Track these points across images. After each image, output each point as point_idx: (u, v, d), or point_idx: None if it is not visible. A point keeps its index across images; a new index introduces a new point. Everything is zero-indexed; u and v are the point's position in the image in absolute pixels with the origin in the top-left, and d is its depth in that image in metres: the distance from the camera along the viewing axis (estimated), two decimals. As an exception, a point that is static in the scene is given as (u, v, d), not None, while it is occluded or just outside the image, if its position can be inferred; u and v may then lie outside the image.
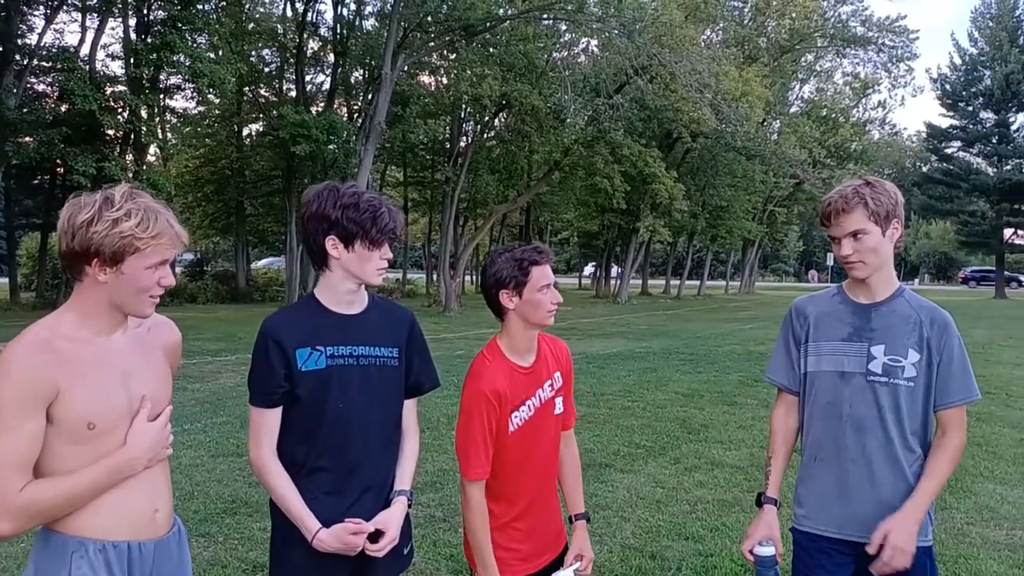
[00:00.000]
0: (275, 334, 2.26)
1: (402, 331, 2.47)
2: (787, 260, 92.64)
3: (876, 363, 2.45)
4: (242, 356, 14.35)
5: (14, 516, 1.78)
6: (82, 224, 1.81)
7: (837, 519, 2.49)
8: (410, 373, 2.49)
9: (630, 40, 24.66)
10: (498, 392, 2.47)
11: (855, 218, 2.39)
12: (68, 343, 1.85)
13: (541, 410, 2.57)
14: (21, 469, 1.78)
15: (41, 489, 1.81)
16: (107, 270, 1.84)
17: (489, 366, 2.54)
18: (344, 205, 2.28)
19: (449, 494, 5.82)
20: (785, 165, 35.14)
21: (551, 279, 2.53)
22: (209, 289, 33.52)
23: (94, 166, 19.74)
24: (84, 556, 1.88)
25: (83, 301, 1.90)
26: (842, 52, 46.67)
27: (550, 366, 2.64)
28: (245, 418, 8.11)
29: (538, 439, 2.57)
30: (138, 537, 1.96)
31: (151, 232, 1.85)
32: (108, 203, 1.83)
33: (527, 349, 2.59)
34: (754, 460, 7.02)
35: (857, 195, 2.39)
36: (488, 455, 2.47)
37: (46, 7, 23.87)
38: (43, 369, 1.79)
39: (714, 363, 14.15)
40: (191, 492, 5.69)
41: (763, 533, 2.56)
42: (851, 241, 2.41)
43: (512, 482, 2.54)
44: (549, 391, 2.60)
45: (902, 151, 74.73)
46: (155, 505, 2.00)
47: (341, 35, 30.48)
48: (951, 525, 5.40)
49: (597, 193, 34.67)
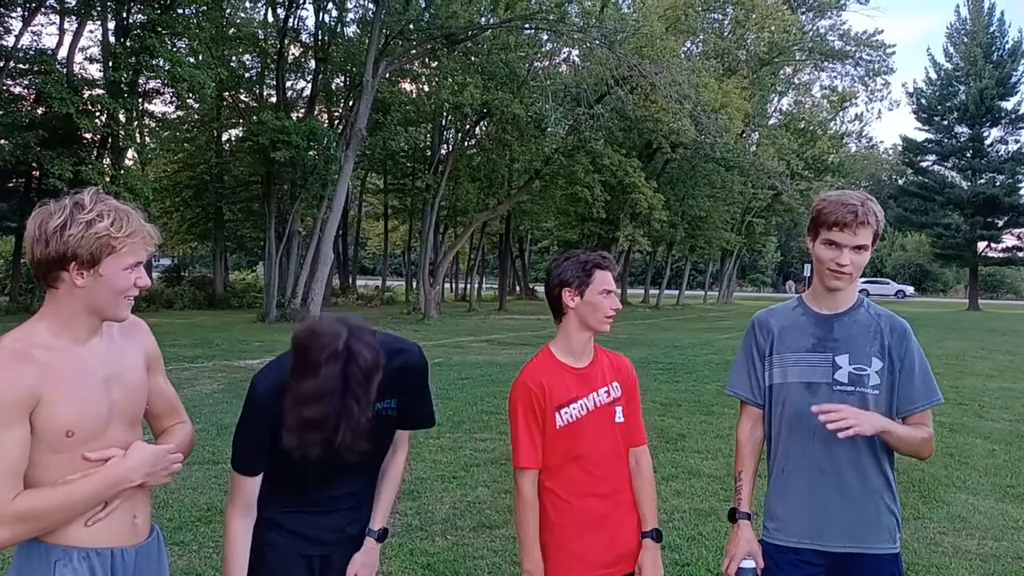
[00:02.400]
0: (274, 403, 2.07)
1: (404, 380, 2.36)
2: (765, 271, 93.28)
3: (842, 372, 2.47)
4: (219, 363, 14.26)
5: (10, 525, 1.77)
6: (56, 229, 1.81)
7: (808, 529, 2.49)
8: (405, 418, 2.44)
9: (611, 51, 24.81)
10: (540, 384, 2.54)
11: (866, 233, 2.41)
12: (46, 352, 1.84)
13: (595, 413, 2.58)
14: (12, 478, 1.77)
15: (35, 498, 1.80)
16: (84, 273, 1.83)
17: (533, 362, 2.64)
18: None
19: (427, 503, 5.80)
20: (764, 176, 35.41)
21: (612, 286, 2.59)
22: (186, 295, 33.26)
23: (71, 170, 19.55)
24: (68, 564, 1.87)
25: (57, 309, 1.89)
26: (820, 66, 47.25)
27: (607, 374, 2.65)
28: (221, 425, 8.07)
29: (591, 441, 2.57)
30: (120, 544, 1.96)
31: (125, 231, 1.86)
32: (79, 207, 1.84)
33: (581, 352, 2.63)
34: (731, 470, 6.99)
35: (873, 213, 2.41)
36: (534, 445, 2.53)
37: (23, 9, 23.65)
38: (24, 378, 1.78)
39: (692, 372, 14.21)
40: (166, 500, 5.64)
41: (744, 550, 2.57)
42: (852, 253, 2.42)
43: (569, 477, 2.56)
44: (605, 397, 2.61)
45: (878, 164, 75.65)
46: (134, 511, 2.00)
47: (323, 41, 30.42)
48: (923, 535, 5.45)
49: (577, 202, 34.78)
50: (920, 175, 55.03)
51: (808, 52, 44.24)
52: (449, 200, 36.07)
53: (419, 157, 37.86)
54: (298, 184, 28.42)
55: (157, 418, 2.18)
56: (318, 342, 1.89)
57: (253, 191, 35.40)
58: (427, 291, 31.01)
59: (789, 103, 53.20)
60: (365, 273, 65.00)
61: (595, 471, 2.58)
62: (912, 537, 5.30)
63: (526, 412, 2.53)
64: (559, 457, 2.55)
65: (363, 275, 59.44)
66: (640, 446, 2.75)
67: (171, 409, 2.20)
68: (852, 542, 2.45)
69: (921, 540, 5.32)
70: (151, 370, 2.13)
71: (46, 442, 1.83)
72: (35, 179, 29.72)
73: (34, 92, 23.94)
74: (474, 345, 19.35)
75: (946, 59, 51.60)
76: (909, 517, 5.69)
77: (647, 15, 27.68)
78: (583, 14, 26.77)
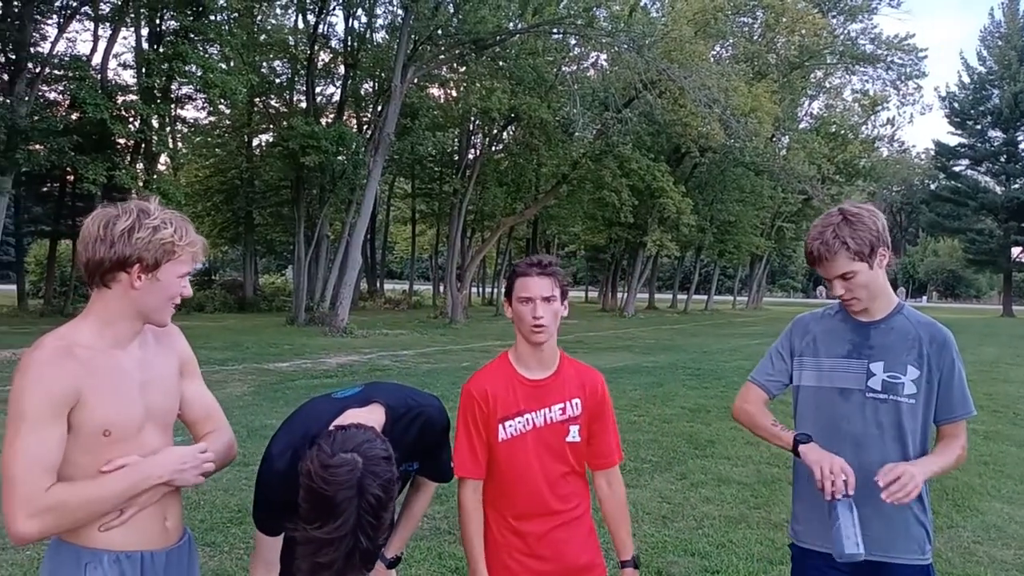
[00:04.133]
0: (289, 478, 1.99)
1: (425, 441, 2.33)
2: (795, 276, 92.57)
3: (875, 380, 2.45)
4: (249, 365, 14.39)
5: (41, 515, 1.78)
6: (123, 232, 1.87)
7: None
8: (424, 473, 2.46)
9: (639, 55, 24.73)
10: (484, 392, 2.46)
11: (840, 263, 2.38)
12: (87, 352, 1.88)
13: (543, 430, 2.47)
14: (48, 470, 1.80)
15: (67, 490, 1.82)
16: (143, 277, 1.89)
17: (483, 369, 2.56)
18: None
19: (454, 507, 5.78)
20: (794, 181, 35.16)
21: (531, 292, 2.42)
22: (217, 298, 33.61)
23: (104, 175, 19.83)
24: (98, 567, 1.89)
25: (105, 309, 1.93)
26: (851, 69, 46.81)
27: (567, 390, 2.52)
28: (252, 427, 8.14)
29: (533, 458, 2.47)
30: (150, 547, 1.97)
31: (186, 240, 1.93)
32: (145, 212, 1.90)
33: (536, 364, 2.52)
34: (761, 477, 6.99)
35: (837, 239, 2.36)
36: (474, 455, 2.45)
37: (59, 16, 24.05)
38: (67, 375, 1.82)
39: (721, 378, 14.11)
40: (197, 501, 5.69)
41: (838, 460, 2.34)
42: (841, 282, 2.42)
43: (506, 494, 2.50)
44: (559, 414, 2.49)
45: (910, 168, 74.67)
46: (164, 514, 2.01)
47: (352, 47, 30.66)
48: (958, 544, 5.36)
49: (604, 207, 34.74)
50: (953, 180, 54.36)
51: (839, 56, 43.85)
52: (476, 204, 36.17)
53: (447, 161, 38.00)
54: (327, 189, 28.64)
55: (193, 424, 2.19)
56: (334, 488, 1.82)
57: (283, 196, 35.71)
58: (454, 295, 31.09)
59: (820, 107, 52.88)
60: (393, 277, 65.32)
61: (538, 490, 2.47)
62: (946, 546, 5.21)
63: (467, 420, 2.45)
64: (500, 472, 2.48)
65: (391, 279, 59.72)
66: (609, 468, 2.59)
67: (207, 414, 2.20)
68: (879, 551, 2.41)
69: (955, 549, 5.23)
70: (185, 375, 2.15)
71: (83, 442, 1.85)
72: (69, 184, 30.20)
73: (69, 98, 24.35)
74: (501, 349, 19.10)
75: (979, 62, 50.99)
76: (942, 526, 5.60)
77: (676, 19, 27.62)
78: (611, 19, 26.73)
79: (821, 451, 2.36)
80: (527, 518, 2.49)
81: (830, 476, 2.27)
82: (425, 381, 12.40)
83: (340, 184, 27.72)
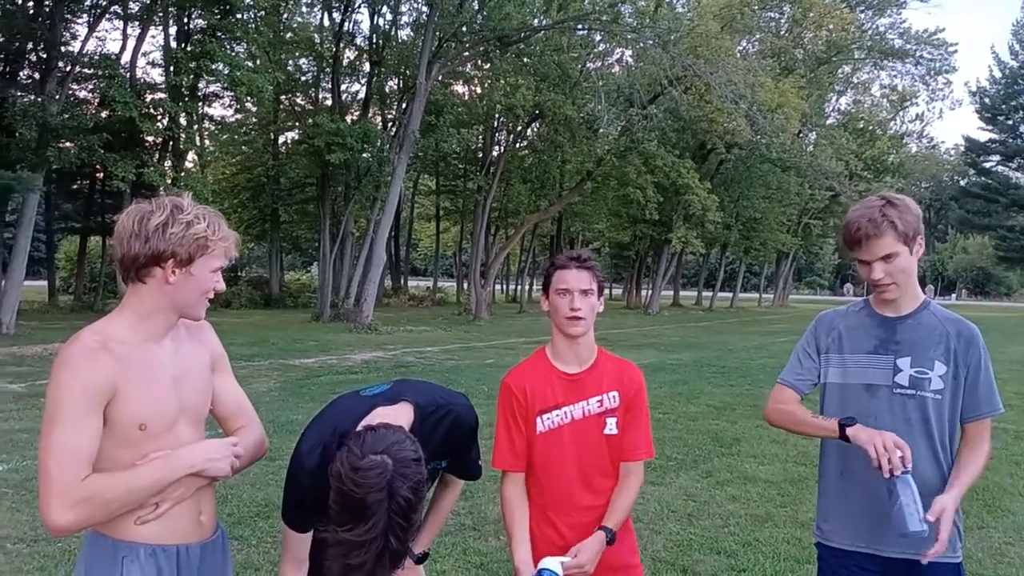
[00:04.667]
0: (319, 478, 2.00)
1: (454, 441, 2.32)
2: (822, 273, 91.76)
3: (903, 375, 2.44)
4: (275, 361, 14.50)
5: (76, 506, 1.80)
6: (158, 227, 1.89)
7: (865, 533, 2.46)
8: (452, 471, 2.47)
9: (665, 51, 24.60)
10: (522, 386, 2.48)
11: (887, 242, 2.36)
12: (122, 346, 1.90)
13: (581, 423, 2.49)
14: (83, 463, 1.82)
15: (103, 481, 1.84)
16: (178, 271, 1.92)
17: (521, 363, 2.58)
18: None
19: (479, 503, 5.81)
20: (821, 177, 34.82)
21: (569, 284, 2.44)
22: (243, 294, 33.88)
23: (133, 172, 20.04)
24: (135, 560, 1.91)
25: (140, 303, 1.96)
26: (880, 64, 46.25)
27: (604, 384, 2.53)
28: (278, 423, 8.20)
29: (571, 451, 2.49)
30: (185, 541, 2.00)
31: (219, 235, 1.96)
32: (178, 208, 1.93)
33: (573, 358, 2.53)
34: (787, 475, 6.94)
35: (885, 218, 2.35)
36: (514, 448, 2.48)
37: (89, 15, 24.31)
38: (103, 369, 1.84)
39: (747, 376, 14.01)
40: (225, 495, 5.74)
41: (889, 436, 2.29)
42: (882, 264, 2.38)
43: (544, 487, 2.52)
44: (596, 407, 2.50)
45: (940, 165, 73.78)
46: (200, 508, 2.03)
47: (377, 45, 30.76)
48: (988, 544, 5.28)
49: (629, 204, 34.61)
50: (983, 176, 53.63)
51: (867, 51, 43.33)
52: (500, 201, 36.19)
53: (471, 159, 38.02)
54: (352, 186, 28.78)
55: (225, 419, 2.20)
56: (364, 491, 1.82)
57: (308, 193, 35.94)
58: (478, 292, 31.13)
59: (847, 102, 52.32)
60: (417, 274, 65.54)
61: (575, 483, 2.50)
62: (976, 547, 5.14)
63: (506, 414, 2.49)
64: (538, 465, 2.50)
65: (415, 276, 59.93)
66: (635, 461, 2.56)
67: (238, 410, 2.22)
68: (910, 548, 2.38)
69: (986, 550, 5.16)
70: (216, 370, 2.17)
71: (118, 435, 1.88)
72: (99, 181, 30.58)
73: (98, 96, 24.63)
74: (525, 347, 19.34)
75: (1011, 57, 50.21)
76: (973, 526, 5.52)
77: (702, 14, 27.42)
78: (637, 14, 26.62)
79: (870, 429, 2.33)
80: (564, 512, 2.50)
81: (885, 453, 2.23)
82: (449, 378, 12.43)
83: (365, 181, 27.84)
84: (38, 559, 4.61)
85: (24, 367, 12.69)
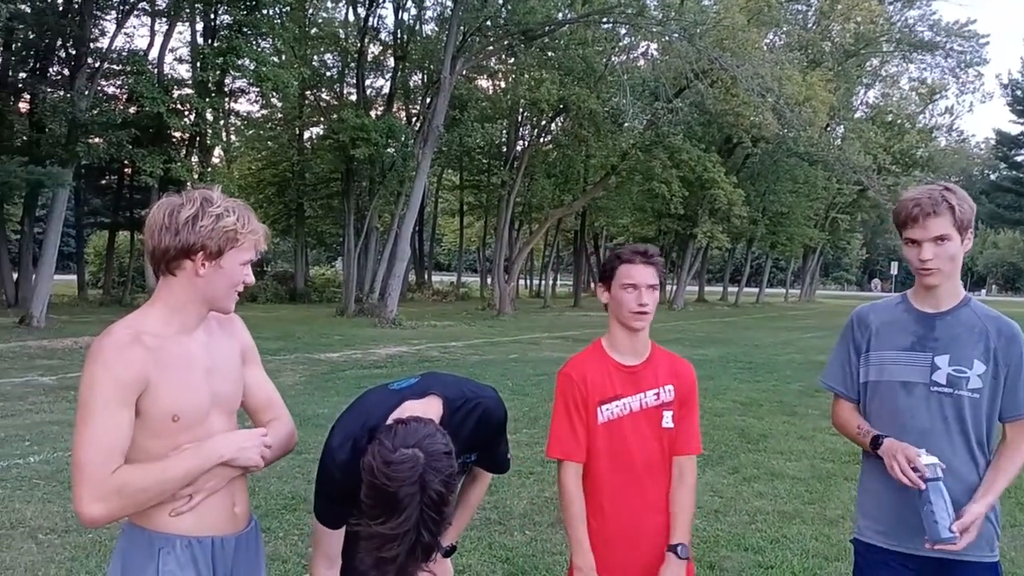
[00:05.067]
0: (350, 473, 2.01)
1: (483, 433, 2.31)
2: (849, 268, 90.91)
3: (940, 373, 2.39)
4: (301, 355, 14.60)
5: (107, 498, 1.81)
6: (188, 220, 1.90)
7: (899, 532, 2.42)
8: (481, 464, 2.46)
9: (691, 44, 24.41)
10: (583, 376, 2.49)
11: (942, 223, 2.33)
12: (154, 339, 1.91)
13: (641, 414, 2.51)
14: (115, 454, 1.83)
15: (132, 472, 1.85)
16: (208, 264, 1.93)
17: (578, 354, 2.59)
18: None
19: (504, 497, 5.80)
20: (849, 171, 34.40)
21: (636, 280, 2.47)
22: (269, 289, 34.14)
23: (161, 167, 20.23)
24: (171, 552, 1.93)
25: (172, 296, 1.97)
26: (908, 57, 45.57)
27: (661, 377, 2.55)
28: (304, 416, 8.24)
29: (632, 442, 2.50)
30: (220, 532, 2.01)
31: (249, 228, 1.96)
32: (208, 201, 1.94)
33: (629, 351, 2.56)
34: (815, 472, 6.87)
35: (945, 200, 2.33)
36: (575, 437, 2.48)
37: (118, 11, 24.56)
38: (135, 362, 1.85)
39: (773, 372, 13.91)
40: (252, 488, 5.73)
41: (912, 450, 2.30)
42: (933, 246, 2.34)
43: (601, 478, 2.51)
44: (654, 399, 2.53)
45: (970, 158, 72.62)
46: (233, 501, 2.05)
47: (401, 40, 30.81)
48: (1022, 543, 5.20)
49: (654, 198, 34.44)
50: (1014, 170, 52.90)
51: (896, 43, 42.73)
52: (524, 196, 36.14)
53: (495, 153, 37.99)
54: (376, 181, 28.86)
55: (255, 412, 2.21)
56: (396, 485, 1.82)
57: (333, 188, 36.08)
58: (502, 287, 31.14)
59: (876, 96, 51.62)
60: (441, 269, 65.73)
61: (634, 475, 2.50)
62: (1009, 546, 5.06)
63: (567, 403, 2.49)
64: (596, 455, 2.49)
65: (439, 271, 60.09)
66: (688, 455, 2.59)
67: (268, 402, 2.22)
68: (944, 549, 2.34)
69: (1019, 549, 5.08)
70: (246, 362, 2.18)
71: (151, 427, 1.89)
72: (127, 177, 30.92)
73: (126, 92, 24.89)
74: (549, 341, 19.33)
75: (1045, 48, 49.23)
76: (1006, 524, 5.42)
77: (728, 7, 27.10)
78: (662, 7, 26.41)
79: (894, 444, 2.34)
80: (621, 504, 2.50)
81: (902, 474, 2.27)
82: (474, 372, 12.43)
83: (389, 176, 27.90)
84: (69, 549, 4.66)
85: (55, 360, 12.86)
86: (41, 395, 9.77)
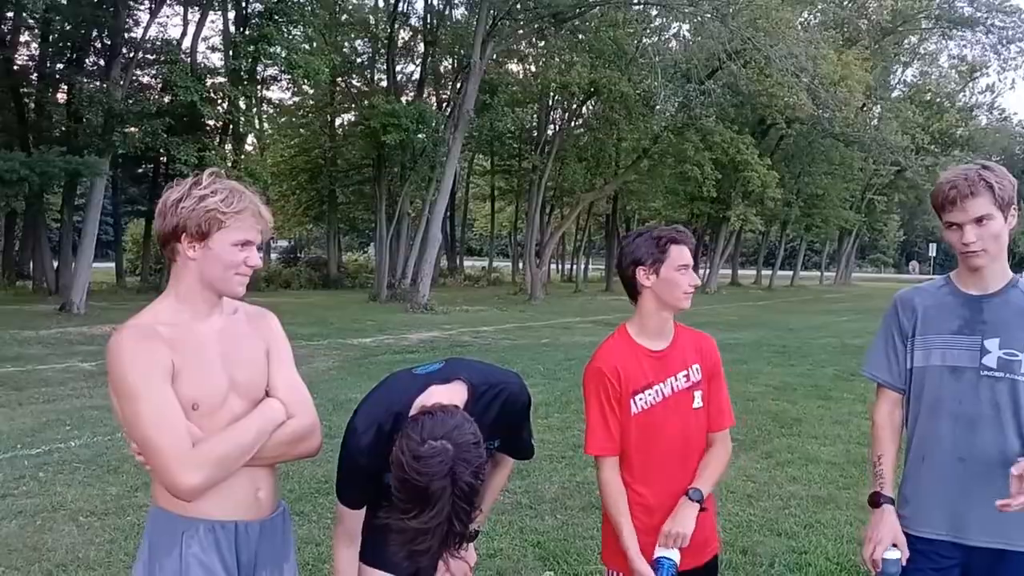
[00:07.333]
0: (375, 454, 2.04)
1: (507, 419, 2.29)
2: (886, 251, 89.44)
3: (990, 357, 2.32)
4: (334, 341, 14.72)
5: (200, 467, 1.85)
6: (173, 203, 1.92)
7: (945, 521, 2.36)
8: (504, 450, 2.44)
9: (723, 24, 24.08)
10: (615, 369, 2.45)
11: (982, 203, 2.25)
12: (169, 328, 1.93)
13: (672, 399, 2.49)
14: (182, 424, 1.86)
15: (211, 441, 1.90)
16: (196, 246, 1.92)
17: (608, 345, 2.53)
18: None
19: (535, 482, 5.81)
20: (886, 152, 33.87)
21: (689, 260, 2.47)
22: (302, 275, 34.46)
23: (195, 155, 20.45)
24: (195, 535, 1.95)
25: (178, 283, 1.99)
26: (948, 34, 44.44)
27: (687, 357, 2.54)
28: (337, 401, 8.32)
29: (666, 428, 2.48)
30: (244, 518, 2.02)
31: (235, 208, 1.93)
32: (196, 184, 1.94)
33: (659, 333, 2.53)
34: (850, 456, 6.80)
35: (983, 179, 2.25)
36: (609, 432, 2.45)
37: (151, 1, 24.82)
38: (158, 348, 1.88)
39: (808, 356, 13.77)
40: (287, 472, 5.85)
41: (889, 537, 2.39)
42: (975, 227, 2.27)
43: (637, 467, 2.49)
44: (684, 382, 2.51)
45: (1011, 137, 70.88)
46: (256, 486, 2.05)
47: (431, 25, 30.78)
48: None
49: (686, 181, 34.14)
50: (1058, 148, 51.48)
51: (935, 20, 41.71)
52: (555, 180, 36.02)
53: (526, 138, 37.91)
54: (408, 167, 28.93)
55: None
56: (427, 479, 1.82)
57: (365, 174, 36.22)
58: (533, 272, 31.11)
59: (914, 74, 50.63)
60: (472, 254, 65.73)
61: (670, 461, 2.48)
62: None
63: (600, 398, 2.45)
64: (633, 446, 2.47)
65: (470, 256, 60.09)
66: (720, 430, 2.58)
67: (286, 402, 2.08)
68: (997, 537, 2.29)
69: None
70: (272, 359, 2.11)
71: None
72: (163, 165, 31.31)
73: (161, 81, 25.16)
74: (580, 326, 19.30)
75: (1090, 22, 47.88)
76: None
77: (761, -15, 26.68)
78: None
79: (885, 522, 2.39)
80: (662, 493, 2.49)
81: (878, 552, 2.36)
82: (505, 357, 12.46)
83: (420, 162, 27.96)
84: (108, 532, 4.76)
85: (95, 346, 13.09)
86: (81, 381, 9.97)
